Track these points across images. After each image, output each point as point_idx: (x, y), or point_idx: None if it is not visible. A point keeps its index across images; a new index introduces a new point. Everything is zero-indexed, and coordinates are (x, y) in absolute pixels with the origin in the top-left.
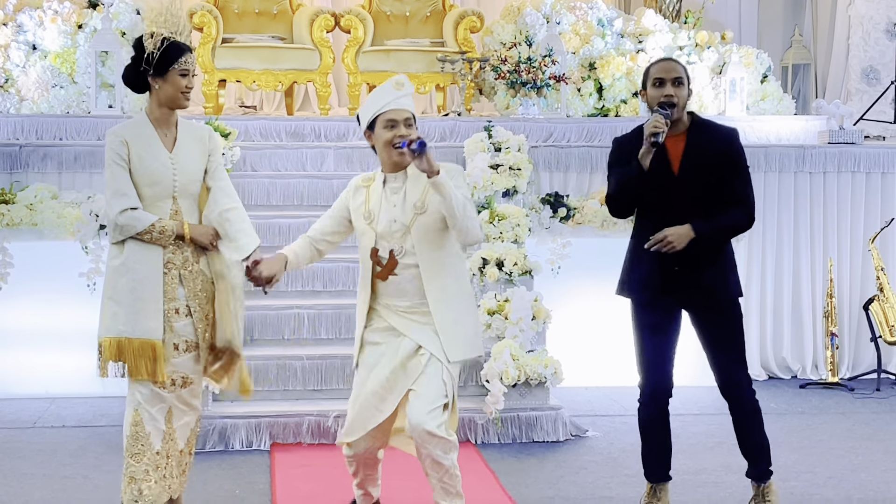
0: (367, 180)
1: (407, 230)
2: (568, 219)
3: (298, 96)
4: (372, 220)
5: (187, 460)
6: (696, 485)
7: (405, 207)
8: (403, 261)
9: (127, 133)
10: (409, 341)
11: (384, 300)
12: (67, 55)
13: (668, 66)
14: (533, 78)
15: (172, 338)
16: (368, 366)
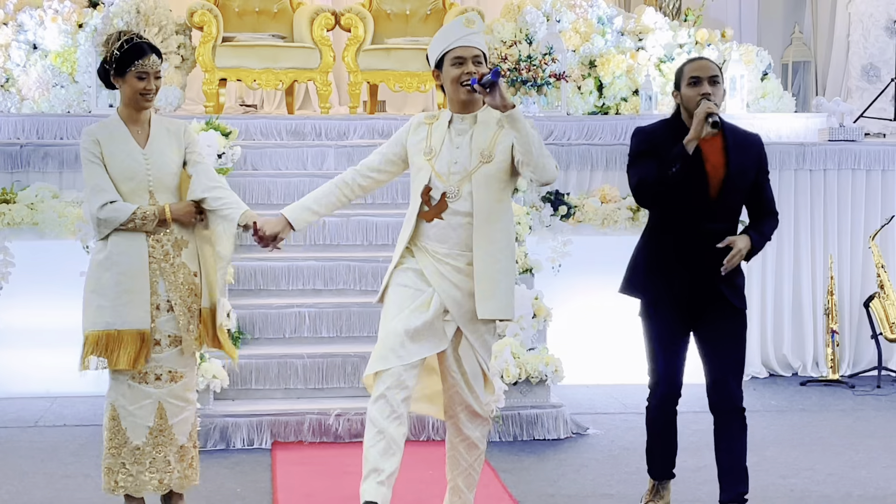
0: (430, 118)
1: (468, 176)
2: (568, 217)
3: (299, 95)
4: (432, 156)
5: (193, 454)
6: (697, 482)
7: (471, 152)
8: (454, 206)
9: (99, 132)
10: (439, 299)
11: (423, 241)
12: (68, 54)
13: (704, 65)
14: (533, 76)
15: (154, 333)
16: (397, 304)
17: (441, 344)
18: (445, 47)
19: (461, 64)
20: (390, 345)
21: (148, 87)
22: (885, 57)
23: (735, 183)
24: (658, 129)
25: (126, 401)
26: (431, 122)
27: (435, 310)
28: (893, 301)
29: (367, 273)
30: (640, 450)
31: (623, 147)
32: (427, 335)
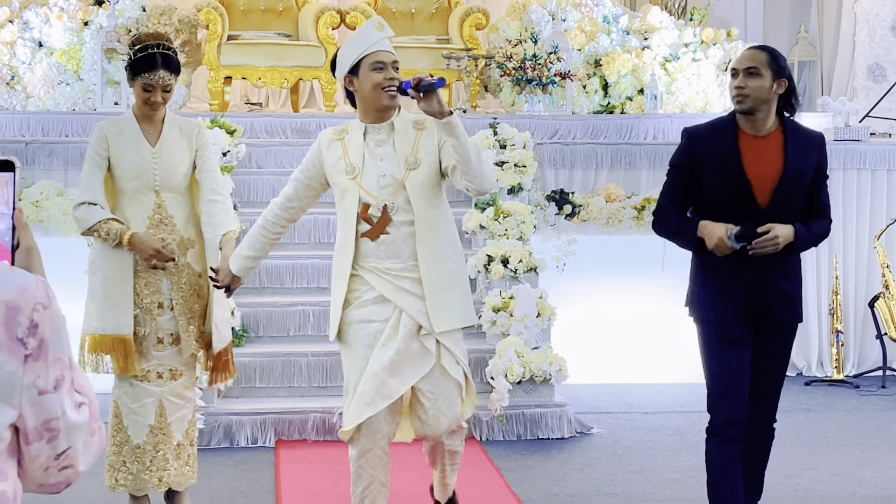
0: (339, 133)
1: (399, 185)
2: (573, 216)
3: (304, 93)
4: (356, 174)
5: (189, 451)
6: (702, 482)
7: (396, 161)
8: (397, 217)
9: (109, 129)
10: (408, 318)
11: (371, 262)
12: (73, 52)
13: (746, 55)
14: (538, 75)
15: (156, 331)
16: (366, 345)
17: (425, 364)
18: (363, 51)
19: (381, 69)
20: (373, 388)
21: (153, 99)
22: (890, 56)
23: (791, 187)
24: (703, 132)
25: (128, 398)
26: (342, 137)
27: (405, 332)
28: None
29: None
30: (644, 449)
31: (627, 146)
32: (405, 363)
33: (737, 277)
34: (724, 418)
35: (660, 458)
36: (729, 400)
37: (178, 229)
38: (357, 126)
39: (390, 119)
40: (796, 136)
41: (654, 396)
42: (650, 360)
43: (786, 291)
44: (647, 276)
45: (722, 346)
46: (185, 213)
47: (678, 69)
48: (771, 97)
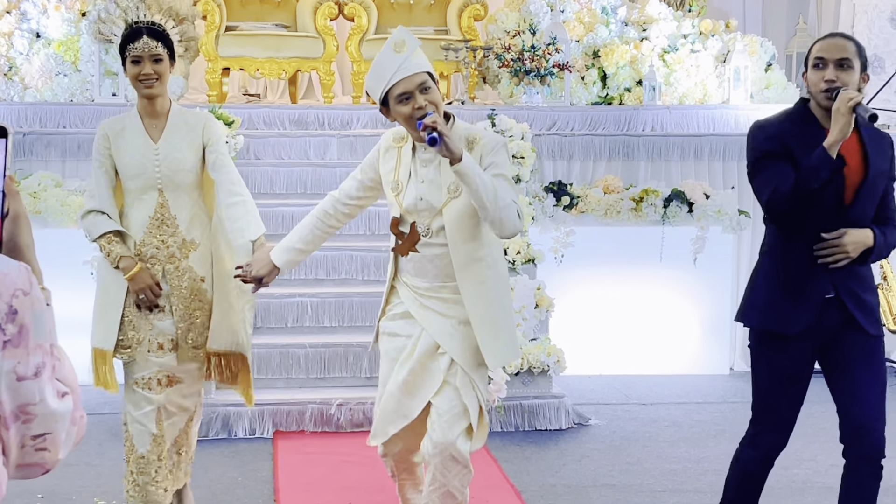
0: (399, 140)
1: (437, 212)
2: (571, 207)
3: (302, 84)
4: (399, 192)
5: (175, 459)
6: (699, 472)
7: (437, 186)
8: (428, 239)
9: (110, 126)
10: (428, 336)
11: (403, 277)
12: (71, 43)
13: (834, 44)
14: (537, 66)
15: (156, 336)
16: (390, 359)
17: (434, 383)
18: (385, 86)
19: (408, 99)
20: (391, 408)
21: (145, 72)
22: (889, 48)
23: (872, 187)
24: (783, 124)
25: (132, 406)
26: (401, 146)
27: (421, 352)
28: None
29: (369, 263)
30: (641, 440)
31: (626, 138)
32: (421, 381)
33: (812, 283)
34: (763, 451)
35: (657, 450)
36: (771, 436)
37: (181, 231)
38: (410, 139)
39: None
40: (871, 135)
41: (651, 388)
42: (648, 351)
43: (866, 303)
44: (645, 267)
45: (777, 379)
46: (189, 214)
47: (677, 60)
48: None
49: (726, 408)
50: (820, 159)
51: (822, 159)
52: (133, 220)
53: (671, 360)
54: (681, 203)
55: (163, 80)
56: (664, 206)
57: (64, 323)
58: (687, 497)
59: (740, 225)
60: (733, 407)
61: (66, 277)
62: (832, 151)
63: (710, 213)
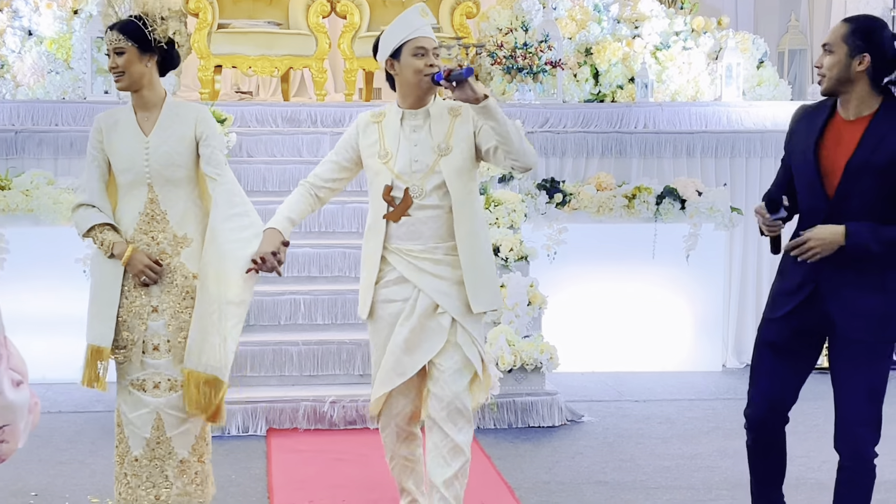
0: (377, 116)
1: (430, 171)
2: (564, 204)
3: (294, 82)
4: (389, 158)
5: (197, 469)
6: (692, 469)
7: (429, 147)
8: (421, 201)
9: (104, 119)
10: (425, 296)
11: (395, 244)
12: (63, 41)
13: (831, 29)
14: (529, 63)
15: (151, 337)
16: (387, 325)
17: (437, 342)
18: (406, 36)
19: (423, 55)
20: (389, 366)
21: (112, 65)
22: None
23: (859, 177)
24: (804, 112)
25: (127, 408)
26: (380, 120)
27: (420, 311)
28: None
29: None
30: (634, 437)
31: (618, 135)
32: (420, 340)
33: (793, 277)
34: (750, 423)
35: (650, 446)
36: (753, 407)
37: (171, 226)
38: (394, 110)
39: (426, 105)
40: (884, 123)
41: (644, 385)
42: (641, 348)
43: (857, 303)
44: (638, 264)
45: (760, 348)
46: (181, 209)
47: (669, 58)
48: (852, 76)
49: (719, 404)
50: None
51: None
52: (124, 215)
53: (664, 357)
54: (673, 200)
55: (129, 74)
56: (657, 204)
57: (57, 321)
58: (680, 493)
59: (732, 222)
60: (726, 404)
61: (58, 275)
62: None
63: (703, 210)
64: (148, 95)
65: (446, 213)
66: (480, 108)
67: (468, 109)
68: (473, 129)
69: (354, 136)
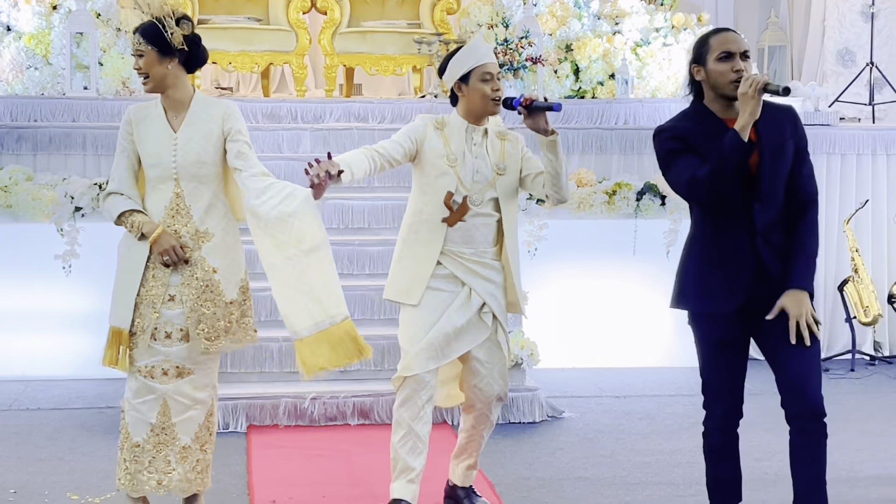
0: (439, 123)
1: (489, 185)
2: (544, 201)
3: (275, 78)
4: (456, 164)
5: (199, 457)
6: (672, 465)
7: (487, 164)
8: (477, 209)
9: (135, 112)
10: (476, 295)
11: (448, 246)
12: (42, 36)
13: (735, 38)
14: (510, 60)
15: (164, 325)
16: (435, 310)
17: (480, 335)
18: (475, 63)
19: (489, 80)
20: (438, 345)
21: (135, 67)
22: (860, 41)
23: (772, 161)
24: (683, 124)
25: (131, 394)
26: (442, 129)
27: (476, 306)
28: (867, 285)
29: (342, 256)
30: (615, 432)
31: (598, 131)
32: (469, 330)
33: (738, 265)
34: (717, 421)
35: (630, 442)
36: (721, 404)
37: (195, 221)
38: (459, 122)
39: (485, 125)
40: (764, 112)
41: (624, 381)
42: (621, 344)
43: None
44: (619, 260)
45: (715, 348)
46: (205, 204)
47: (649, 54)
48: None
49: (699, 400)
50: (732, 144)
51: (734, 143)
52: (150, 208)
53: (644, 353)
54: (654, 196)
55: (152, 76)
56: (637, 200)
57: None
58: (660, 489)
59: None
60: None
61: (38, 272)
62: (743, 134)
63: (683, 207)
64: (175, 94)
65: (496, 223)
66: (549, 142)
67: (518, 136)
68: (521, 154)
69: (422, 133)
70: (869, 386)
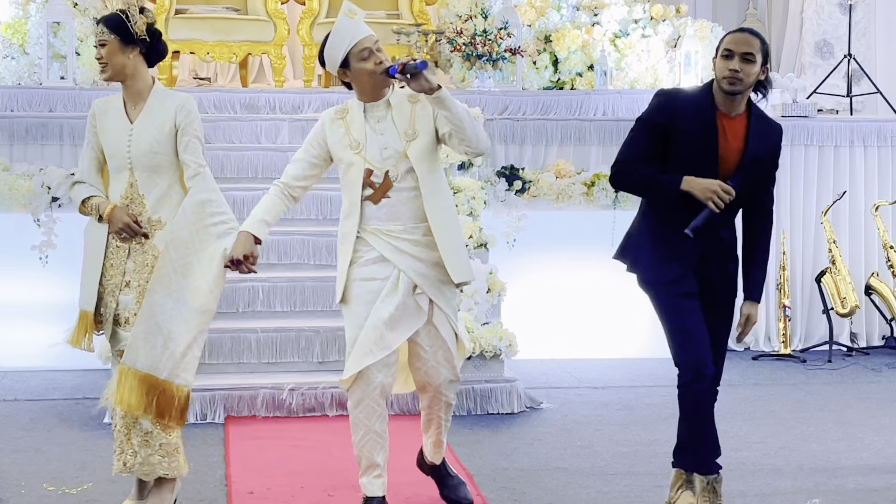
0: (340, 112)
1: (402, 156)
2: (523, 192)
3: (253, 68)
4: (360, 149)
5: (162, 440)
6: (650, 455)
7: (396, 135)
8: (398, 184)
9: (99, 105)
10: (406, 277)
11: (373, 225)
12: (19, 26)
13: (742, 39)
14: (489, 51)
15: (123, 311)
16: (366, 302)
17: (418, 320)
18: (347, 46)
19: (368, 56)
20: (371, 339)
21: (97, 56)
22: (838, 33)
23: (749, 170)
24: (684, 98)
25: (112, 378)
26: (343, 117)
27: (404, 289)
28: (845, 276)
29: (321, 247)
30: (593, 423)
31: (577, 122)
32: (402, 317)
33: (686, 247)
34: (691, 373)
35: (609, 433)
36: (691, 352)
37: (147, 210)
38: (357, 105)
39: (386, 97)
40: (759, 122)
41: (603, 371)
42: (600, 335)
43: (728, 270)
44: (597, 251)
45: (679, 300)
46: (158, 194)
47: (628, 45)
48: (754, 83)
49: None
50: (669, 188)
51: (670, 189)
52: (109, 198)
53: (623, 344)
54: None
55: (112, 64)
56: (615, 191)
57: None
58: (638, 479)
59: None
60: None
61: (14, 263)
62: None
63: None
64: (134, 85)
65: (421, 195)
66: (434, 99)
67: (425, 97)
68: (433, 114)
69: (321, 132)
70: (846, 377)
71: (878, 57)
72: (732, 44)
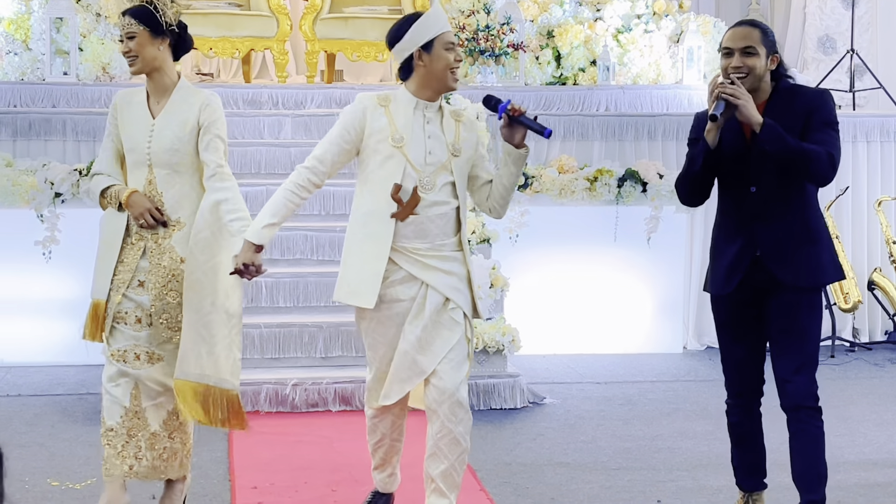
0: (383, 100)
1: (443, 167)
2: (526, 187)
3: (256, 64)
4: (403, 143)
5: (165, 444)
6: (653, 450)
7: (441, 143)
8: (429, 197)
9: (121, 97)
10: (435, 293)
11: (400, 243)
12: (21, 21)
13: (738, 33)
14: (491, 46)
15: (133, 310)
16: (394, 324)
17: (453, 336)
18: (440, 30)
19: (452, 49)
20: (405, 366)
21: (124, 50)
22: (840, 28)
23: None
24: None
25: (106, 378)
26: (387, 105)
27: (431, 308)
28: (847, 272)
29: (324, 243)
30: (595, 418)
31: (580, 118)
32: (432, 337)
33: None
34: (732, 399)
35: (611, 428)
36: (728, 381)
37: (166, 209)
38: (407, 98)
39: (439, 102)
40: (782, 96)
41: (605, 367)
42: (602, 330)
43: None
44: (600, 247)
45: (719, 330)
46: (177, 193)
47: (630, 41)
48: (765, 74)
49: (679, 386)
50: (693, 151)
51: (696, 150)
52: None
53: (625, 340)
54: (635, 183)
55: (142, 57)
56: (618, 186)
57: (16, 304)
58: (640, 474)
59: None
60: (686, 385)
61: (18, 258)
62: (707, 137)
63: (664, 193)
64: (160, 79)
65: (452, 211)
66: (518, 155)
67: (474, 121)
68: (475, 149)
69: (360, 118)
70: (849, 372)
71: (881, 52)
72: (731, 41)
